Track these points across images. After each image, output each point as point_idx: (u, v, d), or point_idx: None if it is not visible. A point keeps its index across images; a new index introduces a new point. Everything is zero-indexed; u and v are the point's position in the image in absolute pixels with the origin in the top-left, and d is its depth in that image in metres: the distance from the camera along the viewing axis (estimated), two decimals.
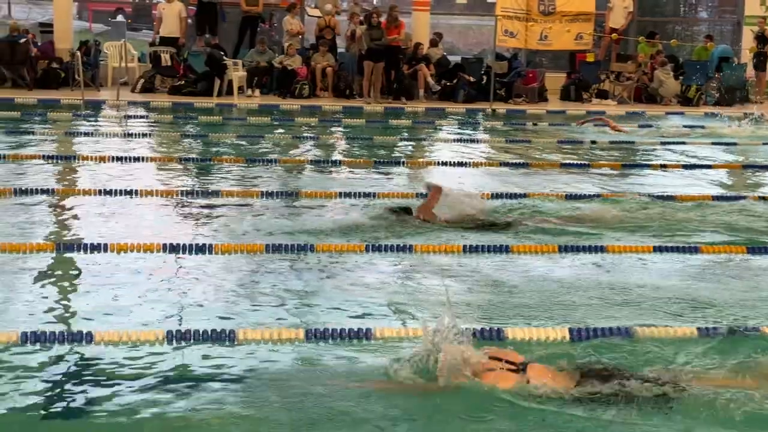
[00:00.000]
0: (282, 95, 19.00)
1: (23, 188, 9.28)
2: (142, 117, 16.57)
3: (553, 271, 7.11)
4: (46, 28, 20.38)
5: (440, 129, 16.40)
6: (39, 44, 19.45)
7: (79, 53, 18.50)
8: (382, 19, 19.02)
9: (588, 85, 20.58)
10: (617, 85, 20.59)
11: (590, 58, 21.39)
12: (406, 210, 8.41)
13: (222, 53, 19.18)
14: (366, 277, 6.87)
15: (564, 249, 7.56)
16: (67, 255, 7.18)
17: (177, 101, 17.92)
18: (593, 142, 14.48)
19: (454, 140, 14.89)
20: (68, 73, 18.99)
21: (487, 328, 5.52)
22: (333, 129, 15.74)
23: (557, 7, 20.72)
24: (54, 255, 7.17)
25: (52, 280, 6.65)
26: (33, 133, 13.88)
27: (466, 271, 7.03)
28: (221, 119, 16.45)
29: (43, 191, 9.32)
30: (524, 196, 9.67)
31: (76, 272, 6.84)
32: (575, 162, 12.52)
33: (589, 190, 10.32)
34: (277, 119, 16.38)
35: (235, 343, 5.31)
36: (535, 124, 16.56)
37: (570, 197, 9.66)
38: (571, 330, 5.53)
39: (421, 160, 12.99)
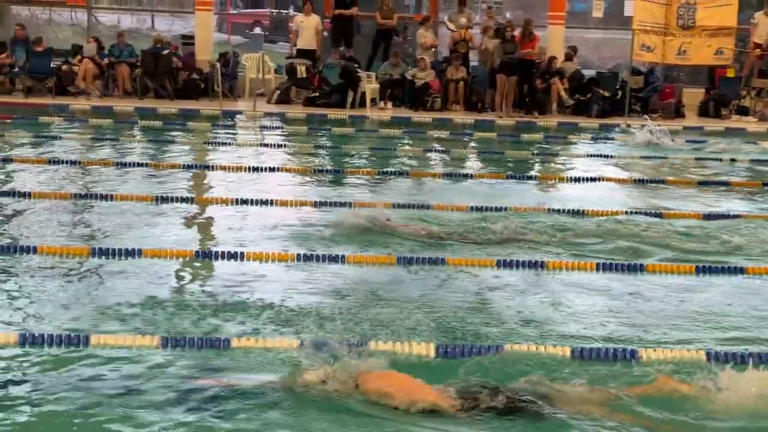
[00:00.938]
0: (414, 108, 19.12)
1: (163, 196, 9.58)
2: (277, 127, 16.92)
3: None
4: (188, 40, 21.02)
5: (573, 144, 16.21)
6: (181, 56, 20.07)
7: (218, 65, 19.02)
8: (516, 33, 18.95)
9: (728, 101, 20.03)
10: (759, 101, 19.97)
11: (731, 73, 20.79)
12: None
13: (356, 66, 19.43)
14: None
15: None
16: (205, 262, 7.38)
17: (311, 112, 18.25)
18: (732, 160, 14.10)
19: (588, 155, 14.67)
20: (208, 84, 19.54)
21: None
22: (464, 142, 15.74)
23: (697, 21, 20.19)
24: (192, 262, 7.39)
25: (189, 286, 6.85)
26: (174, 142, 14.37)
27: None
28: (354, 131, 16.65)
29: (182, 199, 9.61)
30: (659, 215, 9.46)
31: (214, 279, 7.02)
32: (713, 180, 12.22)
33: (727, 208, 10.04)
34: (409, 132, 16.48)
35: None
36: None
37: (708, 216, 9.42)
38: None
39: (554, 174, 12.88)
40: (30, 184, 10.09)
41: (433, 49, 20.66)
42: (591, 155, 14.63)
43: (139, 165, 11.91)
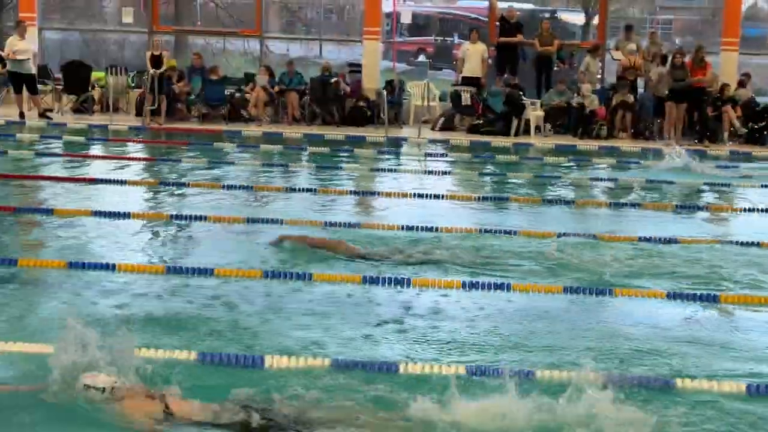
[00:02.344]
0: (579, 135, 18.90)
1: (331, 221, 9.79)
2: (441, 154, 17.03)
3: None
4: (355, 67, 21.45)
5: (745, 175, 15.64)
6: (348, 83, 20.49)
7: (384, 92, 19.33)
8: (686, 59, 18.50)
9: None
10: None
11: None
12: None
13: (520, 93, 19.38)
14: None
15: None
16: (371, 287, 7.50)
17: (475, 140, 18.29)
18: None
19: (762, 186, 14.14)
20: (374, 111, 19.88)
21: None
22: (631, 170, 15.43)
23: None
24: (360, 286, 7.52)
25: (362, 308, 6.97)
26: (340, 168, 14.68)
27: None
28: (518, 158, 16.58)
29: (350, 225, 9.78)
30: None
31: (385, 304, 7.13)
32: None
33: None
34: (574, 159, 16.29)
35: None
36: None
37: None
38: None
39: (724, 205, 12.49)
40: (204, 207, 10.46)
41: (599, 77, 20.40)
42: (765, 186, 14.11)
43: (307, 191, 12.23)
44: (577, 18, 31.33)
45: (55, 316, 6.39)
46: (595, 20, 25.41)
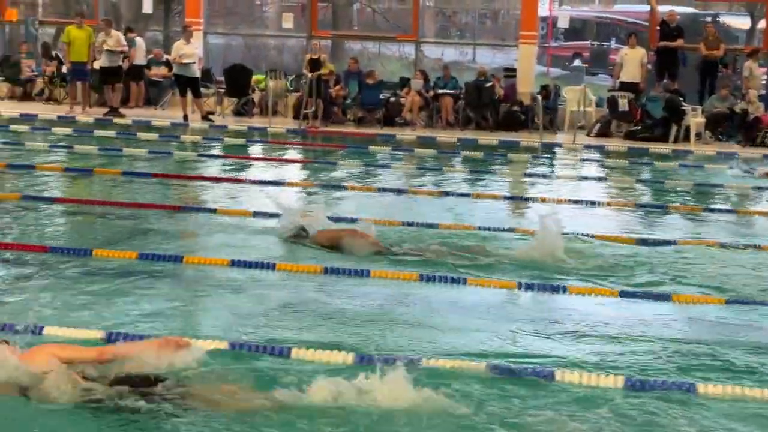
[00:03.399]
0: (742, 143, 18.26)
1: (483, 227, 9.76)
2: (596, 161, 16.76)
3: None
4: (510, 72, 21.34)
5: None
6: (503, 88, 20.40)
7: (539, 97, 19.16)
8: None
9: None
10: None
11: None
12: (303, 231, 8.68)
13: (680, 99, 18.88)
14: None
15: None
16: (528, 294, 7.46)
17: (632, 146, 17.92)
18: None
19: None
20: (528, 116, 19.75)
21: None
22: None
23: None
24: (513, 292, 7.48)
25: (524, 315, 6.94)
26: (493, 173, 14.65)
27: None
28: (677, 165, 16.15)
29: (504, 230, 9.74)
30: None
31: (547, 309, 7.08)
32: None
33: None
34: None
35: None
36: None
37: None
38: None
39: None
40: (360, 210, 10.59)
41: (764, 82, 19.67)
42: None
43: (461, 195, 12.25)
44: (740, 22, 30.26)
45: (219, 311, 6.63)
46: (761, 24, 24.49)
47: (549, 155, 17.12)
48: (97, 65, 19.99)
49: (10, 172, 12.63)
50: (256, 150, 16.80)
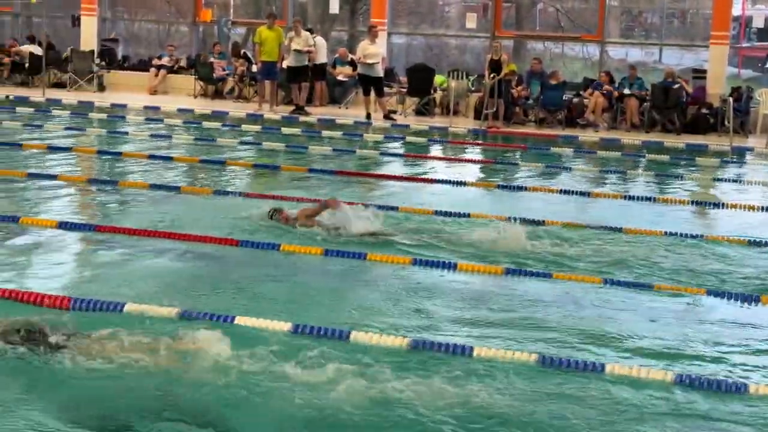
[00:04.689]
0: None
1: (670, 231, 9.48)
2: None
3: None
4: (699, 74, 20.66)
5: None
6: (691, 90, 19.77)
7: (730, 99, 18.46)
8: None
9: None
10: None
11: None
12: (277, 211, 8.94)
13: None
14: None
15: None
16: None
17: None
18: None
19: None
20: (717, 119, 19.06)
21: None
22: None
23: None
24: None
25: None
26: (679, 177, 14.21)
27: None
28: None
29: (690, 236, 9.43)
30: None
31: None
32: None
33: None
34: None
35: None
36: None
37: None
38: None
39: None
40: (542, 212, 10.47)
41: None
42: None
43: (645, 199, 11.95)
44: None
45: (399, 310, 6.70)
46: None
47: (739, 160, 16.48)
48: (284, 64, 20.58)
49: (203, 167, 13.16)
50: (436, 149, 16.89)
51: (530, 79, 20.35)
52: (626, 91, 19.65)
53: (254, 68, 21.87)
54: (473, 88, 21.33)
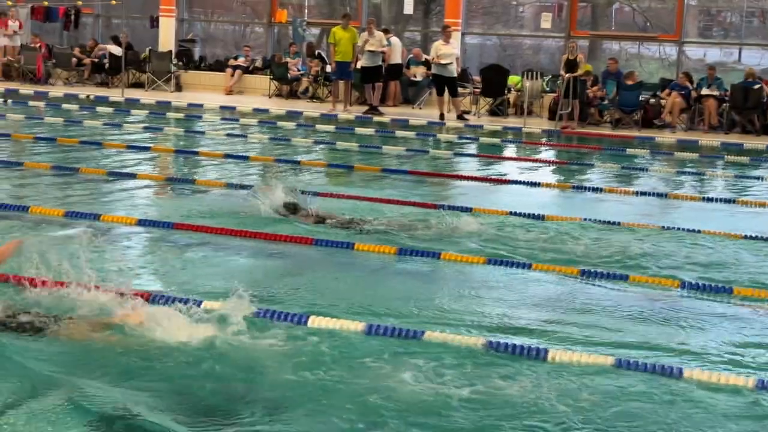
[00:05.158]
0: None
1: (751, 235, 9.30)
2: None
3: None
4: None
5: None
6: None
7: None
8: None
9: None
10: None
11: None
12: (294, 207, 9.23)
13: None
14: None
15: None
16: None
17: None
18: None
19: None
20: None
21: None
22: None
23: None
24: None
25: None
26: (760, 178, 13.94)
27: None
28: None
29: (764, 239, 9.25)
30: None
31: None
32: None
33: None
34: None
35: None
36: None
37: None
38: None
39: None
40: (618, 214, 10.35)
41: None
42: None
43: (725, 201, 11.74)
44: None
45: (472, 310, 6.67)
46: None
47: None
48: (358, 65, 20.66)
49: (278, 166, 13.28)
50: (510, 150, 16.80)
51: (606, 79, 20.13)
52: (705, 91, 19.33)
53: (328, 68, 22.01)
54: (548, 89, 21.18)
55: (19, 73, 23.92)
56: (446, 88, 19.96)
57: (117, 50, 23.46)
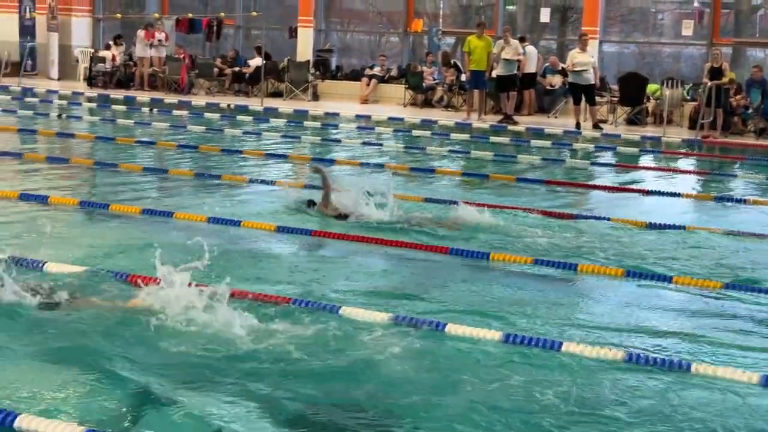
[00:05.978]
0: None
1: None
2: None
3: None
4: None
5: None
6: None
7: None
8: None
9: None
10: None
11: None
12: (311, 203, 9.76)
13: None
14: None
15: None
16: None
17: None
18: None
19: None
20: None
21: None
22: None
23: None
24: None
25: None
26: None
27: None
28: None
29: None
30: None
31: None
32: None
33: None
34: None
35: None
36: None
37: None
38: None
39: None
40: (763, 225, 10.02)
41: None
42: None
43: None
44: None
45: (610, 322, 6.56)
46: None
47: None
48: (493, 74, 20.60)
49: (413, 174, 13.34)
50: (648, 159, 16.46)
51: (750, 87, 19.51)
52: None
53: (463, 77, 22.02)
54: (688, 97, 20.66)
55: (164, 83, 24.75)
56: (584, 96, 19.69)
57: (257, 61, 24.02)
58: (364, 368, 5.35)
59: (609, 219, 10.01)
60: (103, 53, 25.82)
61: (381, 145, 16.58)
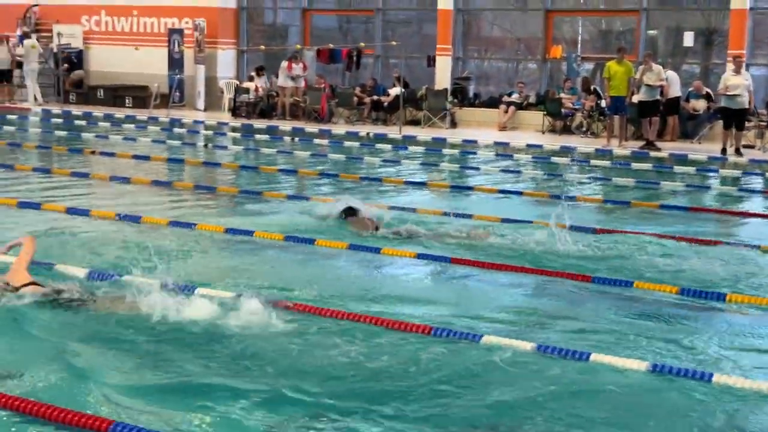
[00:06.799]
0: None
1: None
2: None
3: None
4: None
5: None
6: None
7: None
8: None
9: None
10: None
11: None
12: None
13: None
14: None
15: None
16: None
17: None
18: None
19: None
20: None
21: None
22: None
23: None
24: None
25: None
26: None
27: None
28: None
29: None
30: None
31: None
32: None
33: None
34: None
35: None
36: None
37: None
38: None
39: None
40: None
41: None
42: None
43: None
44: None
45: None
46: None
47: None
48: (635, 99, 20.25)
49: (549, 201, 13.17)
50: None
51: None
52: None
53: (603, 103, 21.72)
54: None
55: (304, 112, 25.26)
56: (734, 121, 19.13)
57: (396, 90, 24.26)
58: (515, 397, 5.33)
59: (759, 247, 9.69)
60: (246, 84, 26.56)
61: (520, 172, 16.48)
